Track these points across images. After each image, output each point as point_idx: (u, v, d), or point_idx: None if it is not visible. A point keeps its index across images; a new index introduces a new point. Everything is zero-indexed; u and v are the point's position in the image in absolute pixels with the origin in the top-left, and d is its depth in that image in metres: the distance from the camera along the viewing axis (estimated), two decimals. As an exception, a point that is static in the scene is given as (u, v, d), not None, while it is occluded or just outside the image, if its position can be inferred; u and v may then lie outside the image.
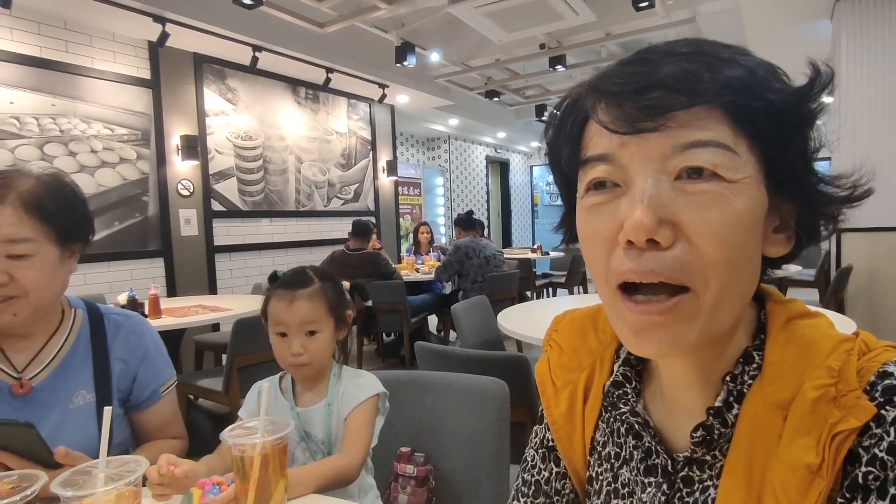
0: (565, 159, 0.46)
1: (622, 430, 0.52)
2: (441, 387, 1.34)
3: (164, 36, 3.81)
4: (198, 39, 4.12)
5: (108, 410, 0.63)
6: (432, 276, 4.65)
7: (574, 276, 6.58)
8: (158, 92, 4.14)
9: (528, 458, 0.62)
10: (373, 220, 5.95)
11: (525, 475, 0.61)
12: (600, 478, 0.53)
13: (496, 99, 6.98)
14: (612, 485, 0.51)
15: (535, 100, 7.64)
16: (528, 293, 6.28)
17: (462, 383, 1.31)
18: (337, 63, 5.03)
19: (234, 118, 4.71)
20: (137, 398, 1.06)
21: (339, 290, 1.11)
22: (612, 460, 0.52)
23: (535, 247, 7.16)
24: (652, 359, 0.50)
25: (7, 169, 0.94)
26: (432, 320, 5.00)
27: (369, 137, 6.23)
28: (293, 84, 5.25)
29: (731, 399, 0.43)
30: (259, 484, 0.70)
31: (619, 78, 0.41)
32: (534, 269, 6.69)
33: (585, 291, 7.07)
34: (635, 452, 0.50)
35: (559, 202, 0.54)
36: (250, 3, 3.56)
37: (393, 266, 4.39)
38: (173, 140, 4.22)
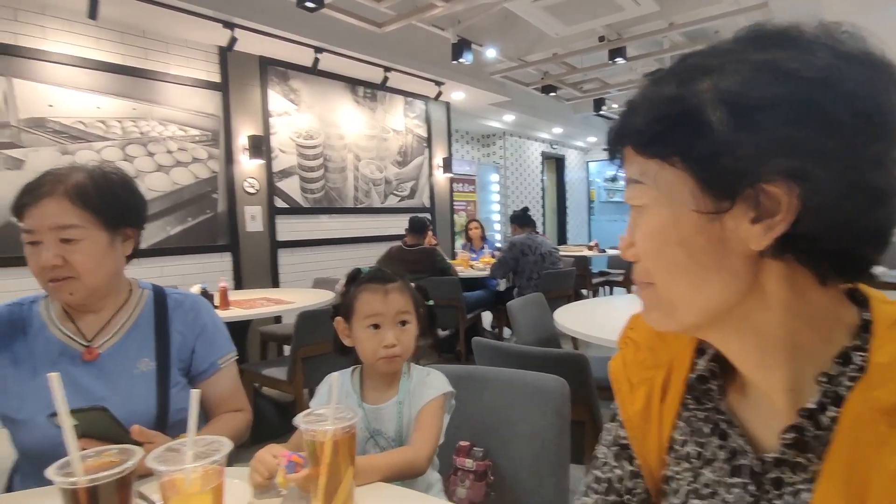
0: None
1: (705, 428, 0.51)
2: (500, 383, 1.35)
3: (233, 41, 4.00)
4: (263, 43, 4.29)
5: (195, 393, 0.68)
6: (487, 272, 4.66)
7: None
8: (227, 94, 4.35)
9: (600, 456, 0.62)
10: (428, 216, 6.01)
11: (596, 472, 0.61)
12: (678, 477, 0.53)
13: (553, 94, 6.89)
14: (693, 484, 0.51)
15: (593, 94, 7.47)
16: (584, 291, 6.17)
17: (522, 380, 1.31)
18: (394, 62, 5.11)
19: (296, 118, 4.88)
20: (197, 369, 1.15)
21: (414, 289, 1.15)
22: (693, 460, 0.52)
23: (592, 244, 7.01)
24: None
25: (66, 166, 1.05)
26: (486, 316, 5.00)
27: (425, 135, 6.29)
28: (352, 84, 5.38)
29: (827, 401, 0.42)
30: (329, 469, 0.73)
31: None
32: (589, 267, 6.56)
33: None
34: (719, 452, 0.49)
35: (617, 199, 0.61)
36: (313, 5, 3.68)
37: (449, 262, 4.42)
38: (240, 140, 4.43)
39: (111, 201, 1.04)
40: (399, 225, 5.74)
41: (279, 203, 4.74)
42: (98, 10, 3.36)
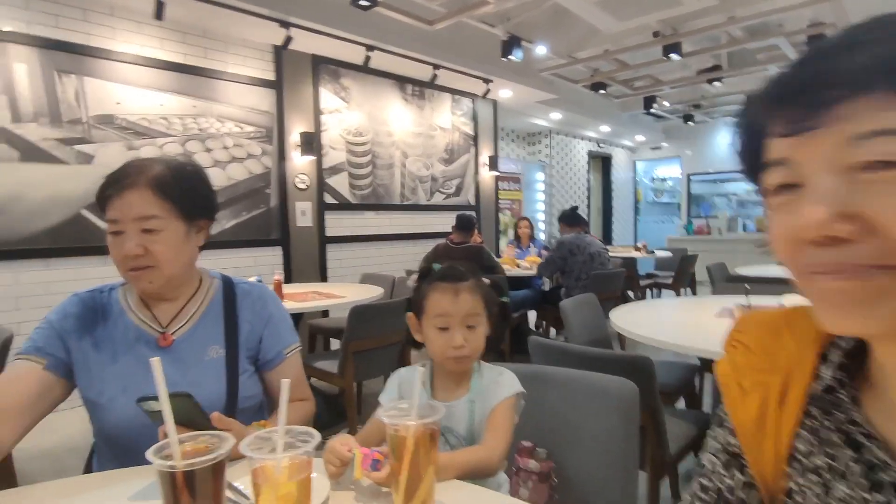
0: (748, 168, 0.48)
1: (836, 439, 0.47)
2: (564, 383, 1.32)
3: (288, 40, 4.09)
4: (316, 42, 4.36)
5: (285, 383, 0.68)
6: (533, 271, 4.60)
7: (682, 277, 6.21)
8: (281, 92, 4.45)
9: (707, 464, 0.59)
10: (473, 214, 5.99)
11: (703, 481, 0.58)
12: (805, 490, 0.49)
13: (602, 91, 6.75)
14: (824, 499, 0.47)
15: (643, 91, 7.28)
16: (630, 293, 6.02)
17: (588, 381, 1.28)
18: (443, 59, 5.11)
19: (346, 115, 4.95)
20: (264, 357, 1.16)
21: (489, 288, 1.12)
22: (824, 472, 0.48)
23: (640, 245, 6.84)
24: (858, 336, 0.47)
25: (144, 158, 1.08)
26: (531, 315, 4.94)
27: (472, 133, 6.27)
28: (401, 81, 5.42)
29: None
30: (411, 465, 0.73)
31: (781, 80, 0.43)
32: (636, 269, 6.40)
33: (694, 293, 6.66)
34: (854, 465, 0.45)
35: (664, 199, 0.54)
36: (367, 3, 3.71)
37: (496, 260, 4.40)
38: (293, 137, 4.52)
39: (189, 192, 1.07)
40: (444, 222, 5.75)
41: (328, 199, 4.82)
42: (164, 11, 3.49)
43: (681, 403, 2.46)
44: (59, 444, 2.73)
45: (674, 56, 5.29)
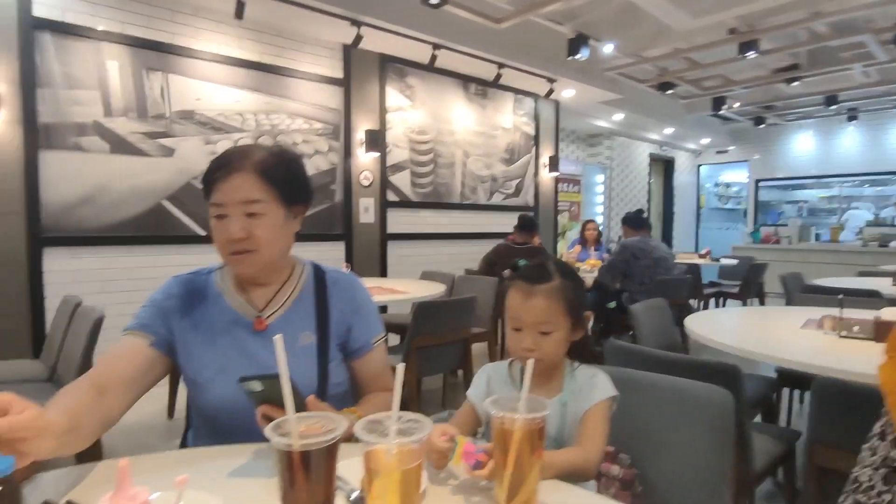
0: None
1: None
2: (649, 388, 1.27)
3: (358, 38, 4.17)
4: (384, 41, 4.43)
5: (400, 367, 0.68)
6: (594, 274, 4.50)
7: (750, 286, 5.92)
8: (349, 90, 4.54)
9: (864, 480, 0.54)
10: (533, 215, 5.92)
11: (859, 497, 0.54)
12: None
13: (669, 92, 6.52)
14: None
15: (713, 91, 6.99)
16: (692, 302, 5.78)
17: (676, 387, 1.22)
18: (508, 58, 5.08)
19: (410, 114, 5.00)
20: (353, 346, 1.17)
21: (581, 289, 1.07)
22: None
23: (704, 252, 6.56)
24: None
25: (246, 144, 1.10)
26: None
27: (533, 133, 6.21)
28: (464, 81, 5.42)
29: None
30: (517, 459, 0.71)
31: None
32: (699, 277, 6.13)
33: (762, 304, 6.32)
34: None
35: (729, 205, 0.46)
36: (436, 1, 3.73)
37: (555, 262, 4.33)
38: (358, 134, 4.61)
39: (289, 178, 1.08)
40: (503, 222, 5.72)
41: (391, 196, 4.88)
42: (244, 11, 3.63)
43: (755, 418, 2.33)
44: (137, 422, 2.89)
45: (750, 54, 5.04)
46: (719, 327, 2.16)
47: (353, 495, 0.74)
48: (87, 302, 2.43)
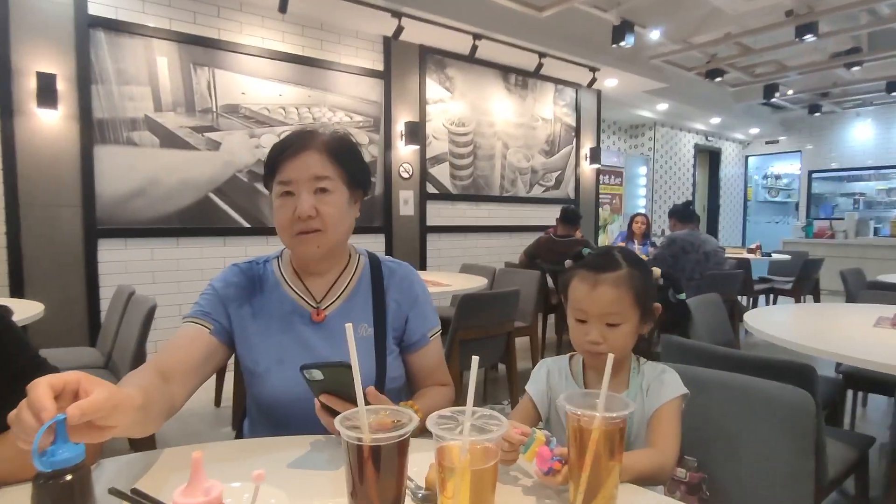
0: None
1: None
2: (717, 387, 1.20)
3: (399, 30, 4.14)
4: (424, 31, 4.39)
5: (475, 360, 0.65)
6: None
7: (804, 283, 5.64)
8: (389, 82, 4.53)
9: None
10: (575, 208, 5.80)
11: None
12: None
13: (718, 79, 6.26)
14: None
15: (765, 78, 6.68)
16: (741, 298, 5.55)
17: (749, 387, 1.15)
18: (549, 47, 4.97)
19: (450, 105, 4.96)
20: (409, 339, 1.14)
21: (649, 278, 1.01)
22: None
23: (754, 247, 6.30)
24: None
25: (308, 127, 1.08)
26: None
27: (574, 124, 6.07)
28: (504, 71, 5.34)
29: None
30: (594, 461, 0.66)
31: None
32: (748, 272, 5.88)
33: (816, 301, 6.02)
34: None
35: (779, 198, 0.38)
36: (479, -10, 3.67)
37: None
38: (398, 126, 4.60)
39: (354, 161, 1.08)
40: (542, 215, 5.63)
41: (430, 189, 4.86)
42: (287, 4, 3.65)
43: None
44: (185, 409, 2.96)
45: (809, 37, 4.78)
46: (782, 325, 2.04)
47: (420, 493, 0.71)
48: (137, 292, 2.50)
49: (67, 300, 3.29)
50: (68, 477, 0.55)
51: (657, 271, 1.05)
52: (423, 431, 0.66)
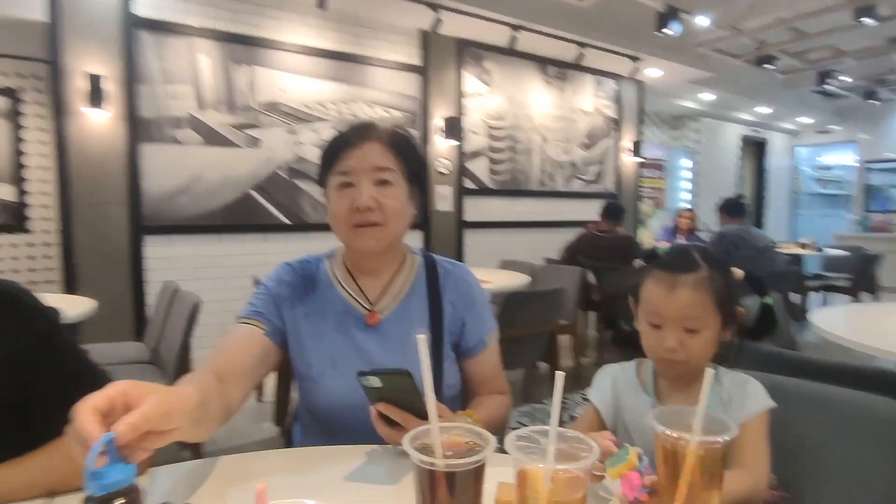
0: None
1: None
2: (800, 397, 1.10)
3: (437, 23, 4.08)
4: (462, 24, 4.32)
5: (559, 376, 0.58)
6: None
7: (863, 280, 5.34)
8: (426, 77, 4.48)
9: None
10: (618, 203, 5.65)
11: None
12: None
13: (768, 66, 5.97)
14: None
15: (819, 64, 6.34)
16: (792, 295, 5.30)
17: (840, 399, 1.05)
18: (590, 37, 4.83)
19: (487, 99, 4.88)
20: (467, 344, 1.08)
21: (730, 279, 0.92)
22: None
23: (807, 241, 6.00)
24: None
25: (366, 121, 1.04)
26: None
27: (614, 116, 5.90)
28: (543, 63, 5.22)
29: None
30: (690, 490, 0.59)
31: None
32: (799, 268, 5.61)
33: (875, 299, 5.70)
34: None
35: (829, 190, 0.29)
36: (519, -20, 3.57)
37: (642, 252, 4.09)
38: (436, 121, 4.55)
39: (414, 155, 1.04)
40: (581, 210, 5.50)
41: (468, 184, 4.79)
42: (326, 0, 3.64)
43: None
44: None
45: (866, 20, 4.50)
46: (856, 325, 1.90)
47: (493, 518, 0.65)
48: (181, 288, 2.53)
49: (116, 296, 3.37)
50: (119, 501, 0.52)
51: (739, 272, 0.96)
52: None
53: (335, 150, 0.99)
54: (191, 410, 0.63)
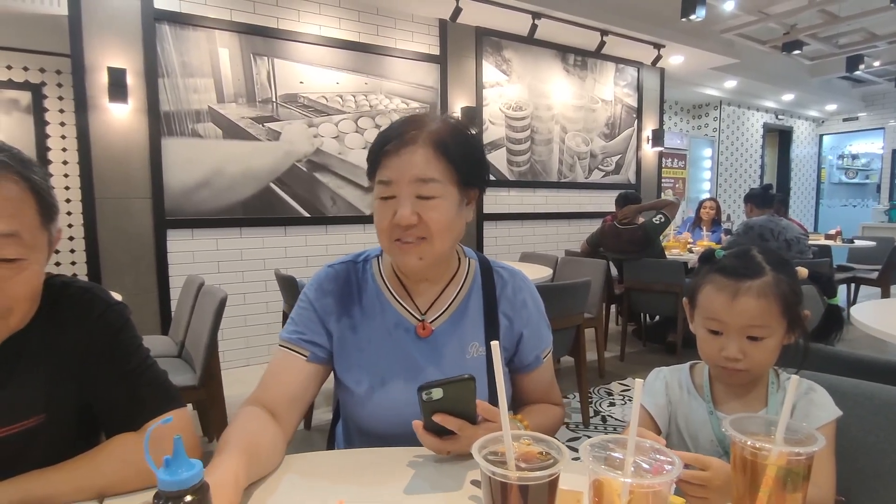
0: None
1: None
2: (857, 398, 1.05)
3: (457, 11, 4.02)
4: (482, 12, 4.25)
5: (638, 383, 0.55)
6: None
7: (891, 271, 5.20)
8: (445, 67, 4.42)
9: None
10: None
11: None
12: None
13: (796, 52, 5.81)
14: None
15: (850, 49, 6.15)
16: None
17: (893, 398, 0.99)
18: (612, 24, 4.72)
19: (507, 89, 4.80)
20: (521, 361, 1.02)
21: (796, 282, 0.87)
22: None
23: (834, 232, 5.86)
24: None
25: (418, 113, 0.96)
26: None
27: (635, 105, 5.79)
28: (563, 52, 5.13)
29: None
30: (769, 500, 0.56)
31: None
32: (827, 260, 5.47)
33: (904, 292, 5.54)
34: None
35: (856, 179, 0.24)
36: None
37: (661, 243, 4.03)
38: (455, 112, 4.49)
39: (466, 155, 0.91)
40: (601, 202, 5.42)
41: (487, 175, 4.74)
42: (345, -11, 3.60)
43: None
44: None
45: (902, 3, 4.35)
46: (878, 316, 1.83)
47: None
48: (205, 281, 2.53)
49: (140, 289, 3.39)
50: (188, 498, 0.51)
51: (804, 272, 0.91)
52: None
53: (376, 155, 0.90)
54: (243, 486, 0.69)
